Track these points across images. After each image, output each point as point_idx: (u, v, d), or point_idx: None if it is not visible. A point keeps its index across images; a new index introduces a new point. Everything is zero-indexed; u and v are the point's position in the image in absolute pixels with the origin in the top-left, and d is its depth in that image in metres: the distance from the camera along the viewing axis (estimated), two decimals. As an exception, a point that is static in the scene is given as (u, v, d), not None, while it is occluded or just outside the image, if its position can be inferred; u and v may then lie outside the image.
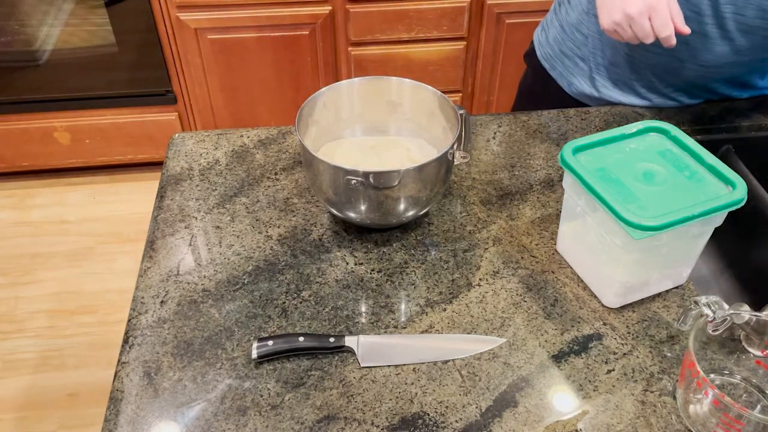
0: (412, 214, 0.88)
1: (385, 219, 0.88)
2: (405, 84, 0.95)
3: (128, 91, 2.12)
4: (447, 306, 0.83)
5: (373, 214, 0.86)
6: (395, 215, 0.87)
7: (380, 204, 0.84)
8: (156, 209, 0.96)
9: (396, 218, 0.88)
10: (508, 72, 2.14)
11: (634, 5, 0.85)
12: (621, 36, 0.90)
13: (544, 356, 0.78)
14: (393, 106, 0.98)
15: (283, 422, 0.71)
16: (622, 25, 0.88)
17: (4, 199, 2.30)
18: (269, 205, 0.96)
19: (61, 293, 2.01)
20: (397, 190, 0.83)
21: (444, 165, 0.86)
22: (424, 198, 0.87)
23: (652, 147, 0.82)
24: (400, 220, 0.89)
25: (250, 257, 0.89)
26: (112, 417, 0.72)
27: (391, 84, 0.96)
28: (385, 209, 0.85)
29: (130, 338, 0.79)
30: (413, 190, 0.84)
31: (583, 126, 1.10)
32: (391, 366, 0.77)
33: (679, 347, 0.79)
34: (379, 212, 0.86)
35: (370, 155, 0.96)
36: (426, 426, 0.71)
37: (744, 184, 0.75)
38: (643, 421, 0.72)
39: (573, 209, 0.83)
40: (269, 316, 0.82)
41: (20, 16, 1.97)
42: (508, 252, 0.90)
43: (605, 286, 0.82)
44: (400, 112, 0.98)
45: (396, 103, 0.97)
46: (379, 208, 0.85)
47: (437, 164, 0.84)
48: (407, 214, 0.88)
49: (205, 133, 1.10)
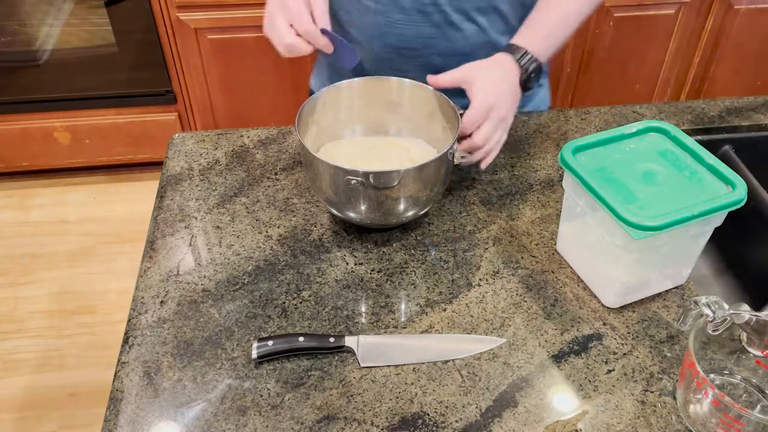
0: (412, 214, 0.88)
1: (385, 219, 0.88)
2: (405, 84, 0.95)
3: (128, 91, 2.12)
4: (447, 306, 0.83)
5: (373, 214, 0.86)
6: (395, 215, 0.87)
7: (380, 204, 0.84)
8: (156, 209, 0.96)
9: (396, 218, 0.88)
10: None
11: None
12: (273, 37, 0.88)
13: (544, 356, 0.78)
14: (393, 106, 0.98)
15: (283, 422, 0.71)
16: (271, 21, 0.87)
17: (4, 199, 2.30)
18: (269, 205, 0.96)
19: (61, 293, 2.01)
20: (397, 190, 0.83)
21: (444, 165, 0.86)
22: (423, 198, 0.87)
23: (652, 147, 0.82)
24: (400, 220, 0.89)
25: (250, 257, 0.89)
26: (112, 417, 0.72)
27: (391, 84, 0.96)
28: (385, 209, 0.85)
29: (130, 338, 0.79)
30: (413, 190, 0.84)
31: (583, 126, 1.10)
32: (391, 366, 0.76)
33: (679, 347, 0.79)
34: (379, 212, 0.86)
35: (370, 155, 0.96)
36: (426, 426, 0.71)
37: (744, 184, 0.75)
38: (643, 421, 0.72)
39: (573, 209, 0.83)
40: (269, 316, 0.82)
41: (20, 16, 1.97)
42: (508, 252, 0.90)
43: (605, 286, 0.82)
44: (400, 112, 0.98)
45: (396, 103, 0.97)
46: (379, 208, 0.85)
47: (437, 164, 0.83)
48: (407, 214, 0.88)
49: (205, 133, 1.10)
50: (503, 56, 0.92)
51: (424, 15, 0.98)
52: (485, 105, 0.87)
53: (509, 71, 0.91)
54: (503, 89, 0.90)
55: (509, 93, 0.91)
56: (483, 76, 0.89)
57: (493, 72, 0.90)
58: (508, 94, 0.90)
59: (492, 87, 0.88)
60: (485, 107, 0.87)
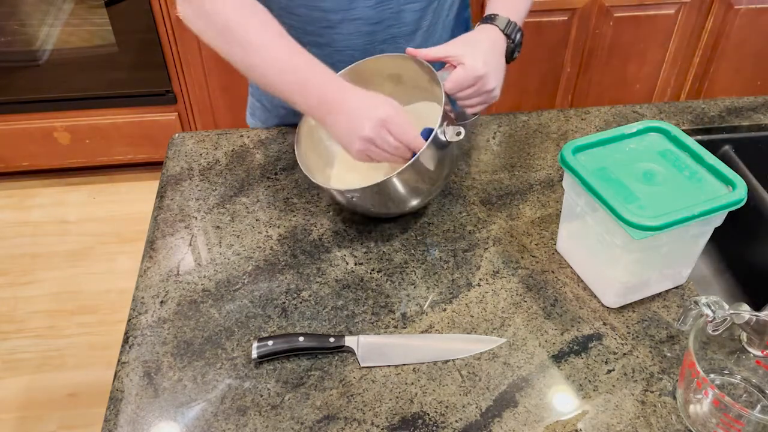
0: (421, 200, 0.90)
1: (399, 208, 0.90)
2: (396, 56, 0.92)
3: (128, 91, 2.12)
4: (447, 306, 0.83)
5: (383, 210, 0.89)
6: (405, 205, 0.89)
7: (385, 204, 0.87)
8: (156, 209, 0.96)
9: (408, 206, 0.90)
10: (508, 72, 2.14)
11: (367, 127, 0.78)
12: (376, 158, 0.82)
13: (544, 356, 0.78)
14: (395, 79, 0.96)
15: (283, 422, 0.71)
16: (367, 150, 0.80)
17: (4, 199, 2.30)
18: (269, 205, 0.96)
19: (61, 293, 2.01)
20: (397, 190, 0.83)
21: (437, 149, 0.83)
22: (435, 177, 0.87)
23: (652, 147, 0.82)
24: (413, 208, 0.91)
25: (250, 257, 0.89)
26: (112, 417, 0.72)
27: (384, 60, 0.93)
28: (394, 202, 0.87)
29: (130, 338, 0.79)
30: (416, 181, 0.85)
31: (583, 126, 1.10)
32: (391, 366, 0.76)
33: (679, 347, 0.79)
34: (387, 207, 0.88)
35: None
36: (426, 426, 0.71)
37: (744, 184, 0.75)
38: (643, 421, 0.71)
39: (573, 209, 0.83)
40: (269, 316, 0.82)
41: (20, 16, 1.97)
42: (508, 252, 0.90)
43: (605, 286, 0.82)
44: (404, 82, 0.96)
45: (397, 75, 0.95)
46: (386, 205, 0.87)
47: (430, 153, 0.82)
48: (418, 200, 0.89)
49: (205, 133, 1.10)
50: (488, 27, 0.90)
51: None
52: (474, 72, 0.85)
53: (496, 42, 0.89)
54: (494, 61, 0.88)
55: (499, 67, 0.89)
56: (471, 52, 0.87)
57: (482, 45, 0.88)
58: (497, 67, 0.89)
59: (484, 57, 0.87)
60: (474, 74, 0.85)
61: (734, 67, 2.19)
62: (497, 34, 0.90)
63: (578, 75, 2.17)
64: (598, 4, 2.00)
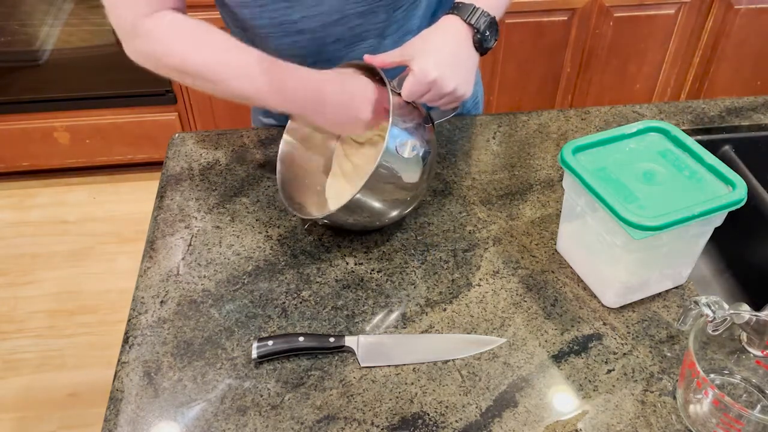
0: (404, 208, 0.87)
1: (384, 219, 0.88)
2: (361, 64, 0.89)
3: (128, 91, 2.12)
4: (447, 306, 0.83)
5: (368, 224, 0.88)
6: (385, 218, 0.87)
7: (363, 219, 0.85)
8: (156, 209, 0.96)
9: (388, 219, 0.88)
10: (508, 72, 2.14)
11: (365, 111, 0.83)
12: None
13: (544, 356, 0.78)
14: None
15: (283, 422, 0.71)
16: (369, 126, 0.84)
17: (4, 199, 2.30)
18: (269, 205, 0.96)
19: (61, 293, 2.01)
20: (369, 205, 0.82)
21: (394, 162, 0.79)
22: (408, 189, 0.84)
23: (652, 147, 0.82)
24: (392, 219, 0.89)
25: (250, 257, 0.89)
26: (112, 417, 0.72)
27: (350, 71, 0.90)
28: (374, 217, 0.86)
29: (130, 338, 0.79)
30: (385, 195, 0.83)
31: (583, 126, 1.10)
32: (391, 366, 0.76)
33: (679, 347, 0.79)
34: (372, 219, 0.86)
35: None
36: (426, 426, 0.71)
37: (744, 184, 0.75)
38: (643, 421, 0.72)
39: (573, 209, 0.83)
40: (269, 316, 0.82)
41: (20, 16, 1.97)
42: (508, 252, 0.90)
43: (605, 286, 0.82)
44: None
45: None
46: (367, 219, 0.86)
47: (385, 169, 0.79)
48: (400, 209, 0.87)
49: (205, 133, 1.10)
50: (449, 19, 0.83)
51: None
52: (424, 78, 0.80)
53: (455, 35, 0.82)
54: (449, 60, 0.81)
55: (459, 63, 0.82)
56: (421, 55, 0.81)
57: (434, 43, 0.82)
58: (454, 65, 0.81)
59: (435, 58, 0.80)
60: (425, 81, 0.80)
61: (734, 67, 2.19)
62: (457, 26, 0.82)
63: (578, 75, 2.17)
64: (598, 4, 2.00)
